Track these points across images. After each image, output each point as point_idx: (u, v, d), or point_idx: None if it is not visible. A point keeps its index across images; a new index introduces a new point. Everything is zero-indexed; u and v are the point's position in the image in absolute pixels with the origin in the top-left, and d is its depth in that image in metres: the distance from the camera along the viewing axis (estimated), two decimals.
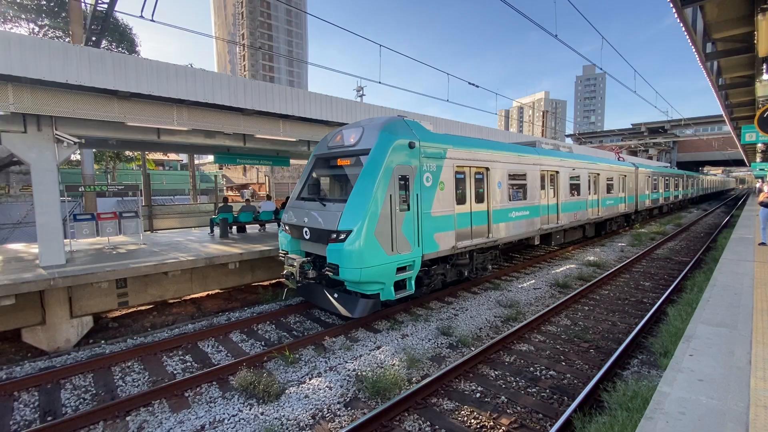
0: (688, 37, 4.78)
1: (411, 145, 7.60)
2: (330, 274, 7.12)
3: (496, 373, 5.92)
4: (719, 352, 3.42)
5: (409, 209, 7.60)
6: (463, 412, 4.92)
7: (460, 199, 9.12)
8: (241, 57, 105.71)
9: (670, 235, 19.39)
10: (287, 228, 8.50)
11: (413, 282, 7.83)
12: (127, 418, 4.91)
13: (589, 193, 16.01)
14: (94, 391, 5.73)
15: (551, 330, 7.60)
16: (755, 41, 4.70)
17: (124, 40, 23.03)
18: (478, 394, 5.32)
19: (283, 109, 10.31)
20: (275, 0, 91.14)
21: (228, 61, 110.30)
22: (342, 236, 6.85)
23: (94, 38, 13.34)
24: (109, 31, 18.89)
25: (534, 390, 5.43)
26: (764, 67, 4.47)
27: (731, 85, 7.85)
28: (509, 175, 10.79)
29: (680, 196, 34.76)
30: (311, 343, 7.06)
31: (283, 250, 8.56)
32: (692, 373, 3.06)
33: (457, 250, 8.80)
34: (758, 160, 25.63)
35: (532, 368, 6.06)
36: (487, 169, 9.89)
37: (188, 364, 6.54)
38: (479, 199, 9.79)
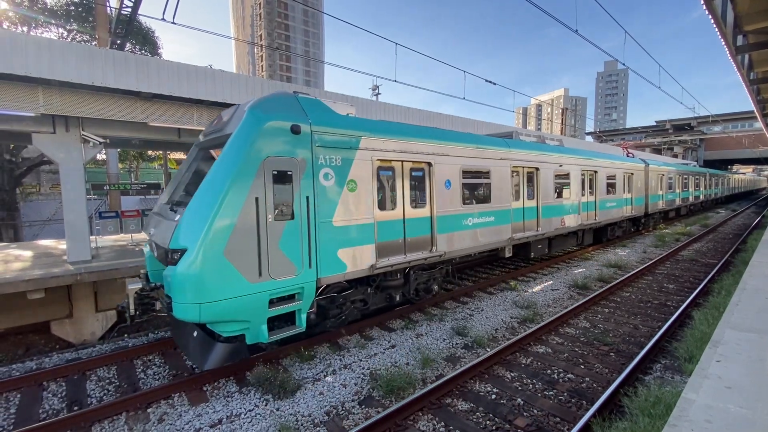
0: (717, 29, 4.58)
1: (295, 130, 5.62)
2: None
3: (513, 374, 5.84)
4: (749, 358, 3.27)
5: (293, 218, 5.59)
6: (478, 413, 4.86)
7: (385, 204, 7.11)
8: (259, 58, 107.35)
9: (696, 236, 18.70)
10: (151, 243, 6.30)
11: (304, 316, 5.82)
12: (148, 410, 5.05)
13: (583, 194, 13.64)
14: (118, 383, 5.92)
15: (570, 332, 7.43)
16: None
17: (147, 42, 23.72)
18: (493, 396, 5.25)
19: None
20: (292, 1, 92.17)
21: (248, 62, 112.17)
22: (176, 256, 4.84)
23: (118, 41, 13.78)
24: (132, 34, 19.48)
25: (551, 393, 5.32)
26: None
27: (764, 80, 7.49)
28: (464, 172, 8.63)
29: (701, 197, 31.68)
30: (326, 341, 7.11)
31: (145, 270, 6.55)
32: (719, 380, 2.94)
33: (377, 270, 6.78)
34: None
35: (549, 371, 5.94)
36: (430, 164, 7.82)
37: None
38: (417, 202, 7.70)
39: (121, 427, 4.73)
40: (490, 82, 12.29)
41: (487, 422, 4.67)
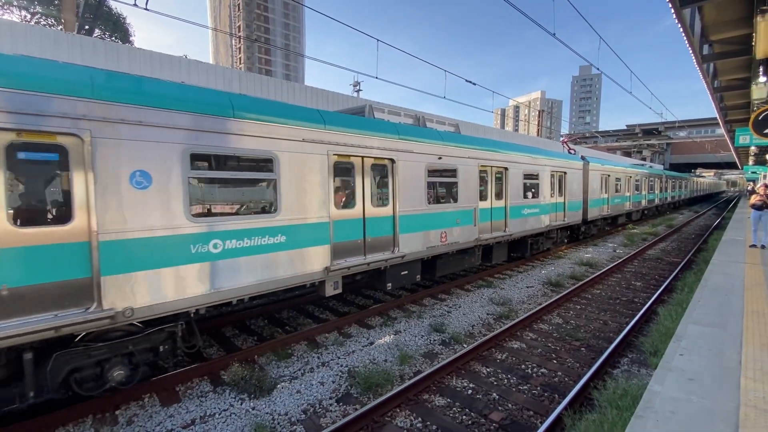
0: (685, 38, 4.79)
1: None
2: None
3: (488, 370, 5.95)
4: (710, 352, 3.46)
5: None
6: (454, 408, 4.93)
7: None
8: (238, 50, 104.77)
9: (662, 236, 19.58)
10: None
11: None
12: (117, 412, 4.86)
13: (481, 198, 10.23)
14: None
15: (543, 328, 7.64)
16: (753, 43, 4.73)
17: (118, 29, 22.69)
18: (470, 391, 5.34)
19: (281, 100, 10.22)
20: (272, 5, 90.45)
21: (226, 54, 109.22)
22: None
23: (87, 27, 13.11)
24: (102, 20, 18.58)
25: (525, 387, 5.46)
26: (761, 69, 4.51)
27: (727, 88, 7.91)
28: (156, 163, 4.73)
29: (657, 200, 29.08)
30: (304, 338, 7.04)
31: None
32: (683, 373, 3.09)
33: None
34: (750, 163, 25.94)
35: (523, 366, 6.09)
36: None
37: (178, 358, 6.48)
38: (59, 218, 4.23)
39: (87, 430, 4.53)
40: (471, 82, 12.45)
41: (464, 417, 4.74)
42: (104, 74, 4.53)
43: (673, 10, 4.00)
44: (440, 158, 8.77)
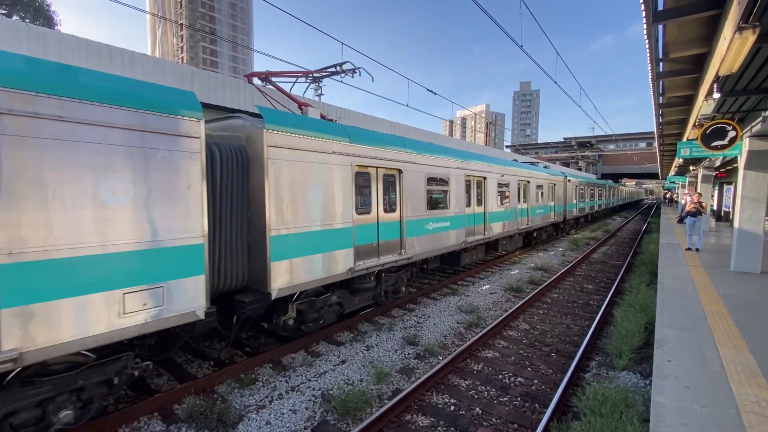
0: (648, 54, 5.09)
1: None
2: None
3: (467, 382, 5.80)
4: (692, 356, 3.57)
5: None
6: (439, 428, 4.69)
7: None
8: (179, 49, 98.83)
9: (602, 240, 21.13)
10: None
11: None
12: None
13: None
14: None
15: (513, 335, 7.70)
16: (706, 62, 5.15)
17: (40, 16, 20.20)
18: (452, 407, 5.13)
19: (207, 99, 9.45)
20: None
21: (166, 48, 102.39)
22: None
23: (4, 11, 11.41)
24: (21, 5, 16.41)
25: (506, 399, 5.37)
26: (715, 86, 4.91)
27: (667, 104, 8.67)
28: None
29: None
30: (268, 360, 6.44)
31: None
32: (677, 380, 3.11)
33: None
34: (673, 173, 29.02)
35: (500, 375, 6.02)
36: None
37: (120, 393, 5.59)
38: None
39: None
40: (431, 91, 12.58)
41: None
42: None
43: (645, 26, 4.20)
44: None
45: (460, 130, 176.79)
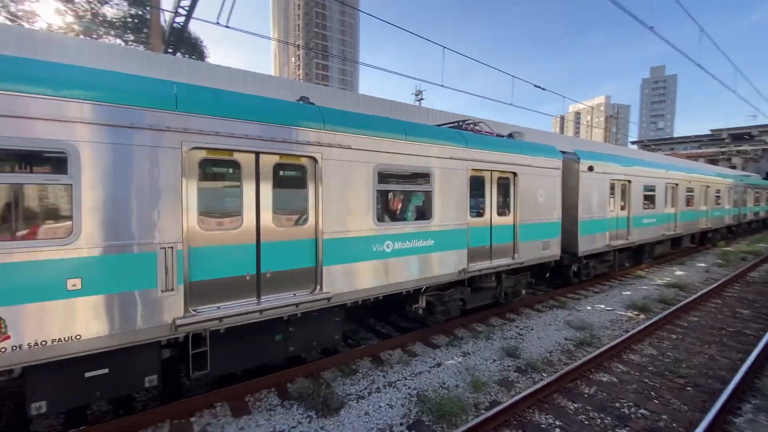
0: None
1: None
2: None
3: (576, 405, 5.26)
4: None
5: None
6: None
7: None
8: (296, 67, 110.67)
9: (765, 256, 16.95)
10: None
11: None
12: (191, 419, 4.91)
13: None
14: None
15: (635, 360, 6.71)
16: None
17: (195, 51, 24.78)
18: (557, 430, 4.71)
19: None
20: (330, 13, 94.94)
21: (285, 70, 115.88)
22: None
23: (171, 49, 14.34)
24: (183, 43, 20.36)
25: (624, 431, 4.72)
26: None
27: None
28: None
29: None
30: (367, 354, 6.79)
31: None
32: None
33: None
34: None
35: (617, 404, 5.31)
36: None
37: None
38: None
39: None
40: (540, 87, 11.71)
41: None
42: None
43: None
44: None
45: (573, 127, 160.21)
